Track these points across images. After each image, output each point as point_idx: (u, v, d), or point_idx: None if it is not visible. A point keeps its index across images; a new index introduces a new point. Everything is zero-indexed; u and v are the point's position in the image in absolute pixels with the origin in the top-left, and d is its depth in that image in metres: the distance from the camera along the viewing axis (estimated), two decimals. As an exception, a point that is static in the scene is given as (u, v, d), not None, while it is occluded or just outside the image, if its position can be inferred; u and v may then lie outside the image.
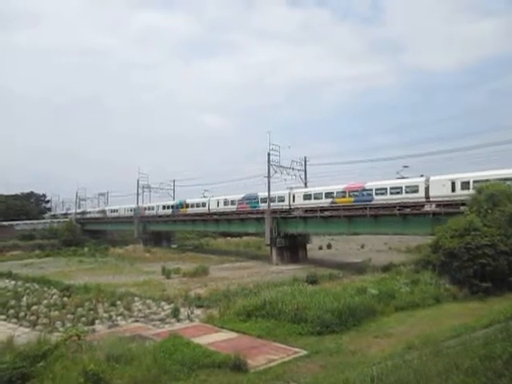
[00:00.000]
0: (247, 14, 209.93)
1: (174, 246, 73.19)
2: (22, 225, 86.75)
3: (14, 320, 22.05)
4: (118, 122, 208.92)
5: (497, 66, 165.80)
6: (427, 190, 37.23)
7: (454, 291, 22.39)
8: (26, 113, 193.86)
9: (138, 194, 79.96)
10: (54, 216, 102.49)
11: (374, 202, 41.19)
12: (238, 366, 12.11)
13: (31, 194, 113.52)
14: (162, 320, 21.11)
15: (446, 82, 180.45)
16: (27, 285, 33.20)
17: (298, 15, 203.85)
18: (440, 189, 36.00)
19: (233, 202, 59.19)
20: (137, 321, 21.22)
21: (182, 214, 67.28)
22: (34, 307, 24.24)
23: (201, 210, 64.18)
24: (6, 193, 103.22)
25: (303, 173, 56.58)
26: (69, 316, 21.94)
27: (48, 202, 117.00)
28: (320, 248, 64.60)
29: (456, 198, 33.45)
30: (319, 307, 17.30)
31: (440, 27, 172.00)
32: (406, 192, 38.72)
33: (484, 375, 8.92)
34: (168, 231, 75.52)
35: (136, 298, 26.42)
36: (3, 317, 22.82)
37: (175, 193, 79.84)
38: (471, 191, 31.04)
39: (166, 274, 38.17)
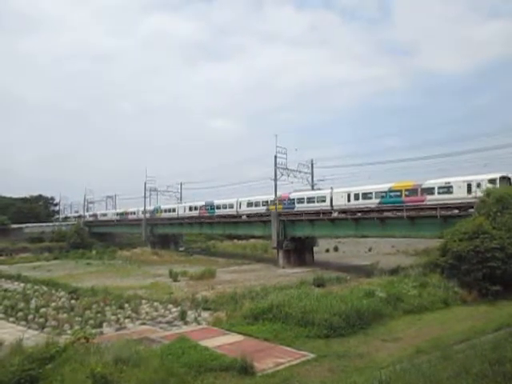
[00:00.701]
0: (255, 17, 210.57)
1: (181, 248, 73.30)
2: (30, 227, 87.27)
3: (23, 322, 22.17)
4: (125, 125, 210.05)
5: (505, 67, 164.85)
6: (331, 200, 45.91)
7: (463, 294, 22.21)
8: (37, 118, 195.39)
9: (145, 197, 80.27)
10: (67, 218, 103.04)
11: (295, 210, 50.56)
12: (245, 369, 12.07)
13: (40, 197, 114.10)
14: (169, 323, 21.13)
15: (455, 84, 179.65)
16: (36, 287, 33.38)
17: (305, 18, 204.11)
18: (340, 199, 45.07)
19: (196, 208, 66.05)
20: (144, 323, 21.25)
21: (187, 216, 67.92)
22: (43, 310, 24.36)
23: (170, 215, 72.61)
24: (15, 195, 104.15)
25: (310, 175, 56.51)
26: (77, 318, 22.02)
27: (56, 204, 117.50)
28: (327, 251, 64.41)
29: (351, 207, 43.69)
30: (326, 310, 17.22)
31: (448, 29, 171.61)
32: (318, 201, 47.91)
33: (494, 380, 8.85)
34: (175, 234, 75.67)
35: (143, 301, 26.47)
36: (12, 319, 22.97)
37: (182, 195, 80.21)
38: (361, 201, 42.70)
39: (173, 276, 38.24)
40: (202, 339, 15.50)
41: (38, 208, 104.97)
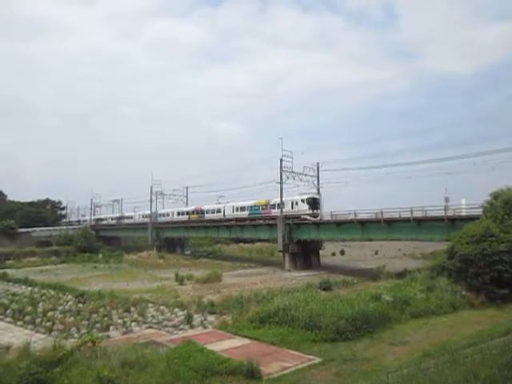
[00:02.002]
0: (260, 20, 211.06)
1: (187, 252, 73.34)
2: (38, 231, 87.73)
3: (31, 326, 22.25)
4: (131, 129, 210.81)
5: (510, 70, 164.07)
6: (224, 211, 62.59)
7: (471, 298, 22.07)
8: (44, 123, 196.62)
9: (151, 201, 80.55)
10: (78, 222, 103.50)
11: (205, 218, 66.53)
12: (251, 373, 12.07)
13: (47, 201, 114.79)
14: (175, 326, 21.13)
15: (461, 86, 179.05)
16: (43, 291, 33.51)
17: (310, 21, 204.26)
18: (229, 211, 62.05)
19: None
20: (150, 327, 21.27)
21: (198, 220, 68.80)
22: (50, 313, 24.43)
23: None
24: (22, 200, 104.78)
25: (316, 179, 56.43)
26: (84, 322, 22.08)
27: (63, 208, 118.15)
28: (333, 254, 64.26)
29: (235, 216, 60.37)
30: (333, 314, 17.17)
31: (454, 32, 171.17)
32: (217, 212, 64.58)
33: (502, 384, 8.78)
34: (181, 237, 75.78)
35: (150, 305, 26.50)
36: (20, 323, 23.06)
37: (188, 199, 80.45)
38: (240, 212, 60.03)
39: (180, 280, 38.25)
40: (209, 343, 15.50)
41: (46, 212, 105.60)
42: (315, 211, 50.26)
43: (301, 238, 49.87)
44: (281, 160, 53.49)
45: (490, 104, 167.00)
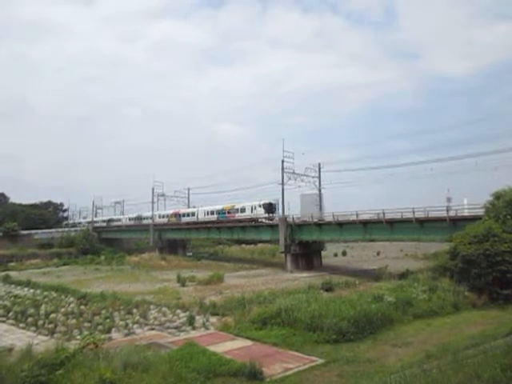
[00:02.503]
0: (261, 22, 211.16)
1: (189, 253, 73.40)
2: (40, 234, 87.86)
3: (33, 328, 22.27)
4: (133, 131, 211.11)
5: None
6: (197, 214, 68.02)
7: (473, 299, 22.02)
8: (45, 125, 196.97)
9: (152, 202, 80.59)
10: (79, 224, 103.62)
11: (182, 221, 71.80)
12: (253, 375, 12.06)
13: (49, 203, 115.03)
14: (177, 328, 21.11)
15: (462, 87, 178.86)
16: (45, 293, 33.51)
17: (311, 23, 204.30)
18: (201, 214, 67.25)
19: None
20: (152, 329, 21.27)
21: (201, 222, 68.62)
22: (52, 315, 24.44)
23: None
24: (24, 202, 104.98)
25: (317, 179, 56.40)
26: (86, 324, 22.08)
27: (65, 210, 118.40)
28: (335, 255, 64.24)
29: (206, 219, 65.97)
30: (335, 315, 17.14)
31: (455, 32, 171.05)
32: (191, 216, 69.65)
33: (506, 385, 8.74)
34: (183, 239, 75.79)
35: (152, 306, 26.50)
36: (22, 325, 23.07)
37: (190, 200, 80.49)
38: (210, 216, 65.23)
39: (181, 281, 38.28)
40: (211, 344, 15.50)
41: (48, 214, 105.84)
42: (270, 215, 56.73)
43: (302, 239, 49.86)
44: (282, 161, 53.60)
45: (491, 104, 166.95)
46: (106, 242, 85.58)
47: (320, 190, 55.70)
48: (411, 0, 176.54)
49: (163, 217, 77.80)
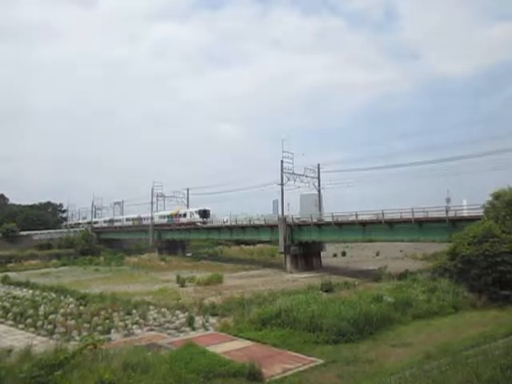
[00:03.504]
0: (261, 23, 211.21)
1: (188, 254, 73.39)
2: (39, 234, 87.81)
3: (32, 329, 22.28)
4: (133, 131, 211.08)
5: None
6: (153, 218, 77.73)
7: (473, 299, 21.98)
8: (45, 125, 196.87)
9: (152, 203, 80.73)
10: (77, 225, 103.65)
11: (142, 223, 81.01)
12: (253, 375, 12.02)
13: (48, 204, 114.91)
14: (177, 329, 21.12)
15: (463, 87, 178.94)
16: (44, 294, 33.52)
17: (312, 24, 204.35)
18: (157, 218, 77.53)
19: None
20: (152, 329, 21.27)
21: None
22: (51, 316, 24.44)
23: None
24: (24, 203, 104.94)
25: (317, 180, 56.45)
26: (85, 325, 22.08)
27: (65, 211, 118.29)
28: (334, 255, 64.21)
29: (159, 223, 76.65)
30: (335, 315, 17.14)
31: (456, 32, 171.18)
32: (149, 220, 78.52)
33: (505, 386, 8.73)
34: (182, 240, 75.77)
35: (151, 307, 26.50)
36: (21, 326, 23.09)
37: (189, 201, 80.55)
38: (164, 219, 76.19)
39: (181, 282, 38.27)
40: (210, 345, 15.48)
41: (47, 215, 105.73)
42: (205, 219, 67.19)
43: (302, 240, 49.86)
44: (282, 162, 53.68)
45: (492, 104, 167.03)
46: (105, 243, 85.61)
47: (319, 191, 55.86)
48: (411, 0, 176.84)
49: (129, 220, 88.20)
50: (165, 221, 76.39)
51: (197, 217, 68.03)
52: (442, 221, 35.71)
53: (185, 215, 71.32)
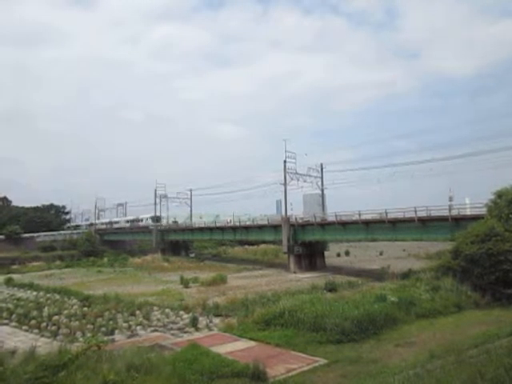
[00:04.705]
0: (262, 23, 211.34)
1: (192, 255, 73.43)
2: (42, 236, 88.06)
3: (36, 330, 22.36)
4: (135, 133, 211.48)
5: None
6: (120, 222, 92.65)
7: (476, 298, 21.92)
8: (47, 126, 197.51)
9: (155, 204, 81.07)
10: (78, 226, 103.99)
11: (113, 227, 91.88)
12: (257, 376, 12.01)
13: (51, 206, 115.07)
14: (180, 329, 21.16)
15: (464, 86, 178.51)
16: (48, 295, 33.63)
17: (312, 24, 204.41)
18: (121, 222, 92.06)
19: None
20: (156, 330, 21.31)
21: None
22: (55, 317, 24.52)
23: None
24: (27, 205, 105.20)
25: (320, 180, 56.42)
26: (89, 326, 22.15)
27: (68, 213, 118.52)
28: (338, 255, 64.21)
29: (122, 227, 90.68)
30: (338, 315, 17.09)
31: (457, 31, 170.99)
32: (118, 223, 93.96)
33: (509, 385, 8.70)
34: (186, 240, 75.80)
35: (155, 308, 26.54)
36: (25, 327, 23.17)
37: (192, 202, 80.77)
38: (128, 224, 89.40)
39: (184, 283, 38.30)
40: (214, 345, 15.50)
41: (50, 217, 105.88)
42: (157, 224, 78.36)
43: (305, 240, 49.85)
44: (284, 162, 53.68)
45: (494, 102, 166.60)
46: (108, 244, 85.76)
47: (322, 190, 55.80)
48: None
49: (102, 224, 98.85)
50: (128, 225, 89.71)
51: (150, 221, 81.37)
52: (445, 220, 35.64)
53: (142, 220, 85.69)
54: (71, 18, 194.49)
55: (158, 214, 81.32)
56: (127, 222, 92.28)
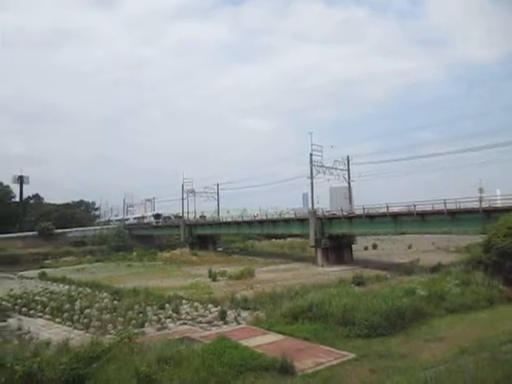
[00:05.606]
0: (284, 16, 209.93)
1: (219, 249, 73.92)
2: (73, 232, 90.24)
3: (69, 323, 22.89)
4: (161, 130, 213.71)
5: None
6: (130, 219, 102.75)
7: (509, 293, 21.35)
8: (73, 127, 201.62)
9: (182, 199, 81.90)
10: (108, 222, 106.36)
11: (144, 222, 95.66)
12: (285, 369, 12.04)
13: (81, 202, 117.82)
14: (209, 322, 21.34)
15: (492, 73, 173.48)
16: (80, 289, 34.37)
17: (335, 14, 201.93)
18: (133, 220, 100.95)
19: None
20: (185, 323, 21.55)
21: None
22: (87, 310, 25.03)
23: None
24: (58, 202, 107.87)
25: (346, 172, 55.88)
26: (119, 319, 22.52)
27: (97, 209, 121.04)
28: (365, 248, 63.57)
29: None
30: (367, 309, 16.94)
31: (482, 17, 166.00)
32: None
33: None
34: (213, 235, 76.42)
35: (184, 301, 26.84)
36: (59, 320, 23.76)
37: (219, 196, 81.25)
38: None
39: (213, 276, 38.56)
40: (242, 339, 15.58)
41: (80, 213, 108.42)
42: (158, 220, 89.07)
43: (333, 233, 49.54)
44: (311, 154, 53.41)
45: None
46: (137, 239, 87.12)
47: (349, 183, 55.26)
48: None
49: (134, 219, 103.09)
50: (135, 221, 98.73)
51: (152, 219, 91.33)
52: (476, 212, 34.83)
53: (145, 217, 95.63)
54: (95, 18, 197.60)
55: (185, 209, 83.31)
56: (134, 219, 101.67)
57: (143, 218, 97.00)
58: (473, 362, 10.56)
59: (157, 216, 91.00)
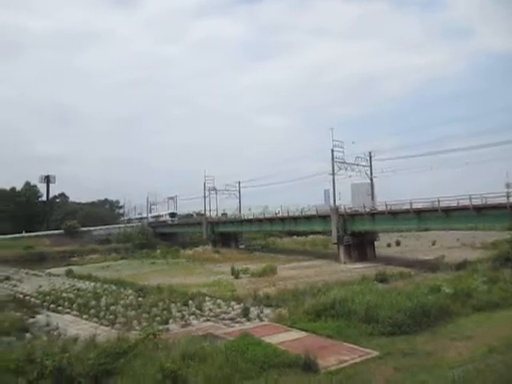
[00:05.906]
0: (302, 12, 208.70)
1: (241, 246, 74.10)
2: (98, 230, 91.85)
3: (95, 319, 23.29)
4: (182, 128, 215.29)
5: None
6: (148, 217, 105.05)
7: (539, 291, 20.90)
8: (100, 127, 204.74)
9: (204, 197, 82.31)
10: (141, 219, 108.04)
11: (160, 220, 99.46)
12: (308, 366, 12.03)
13: (105, 201, 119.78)
14: (232, 319, 21.46)
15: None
16: (105, 286, 34.88)
17: (353, 9, 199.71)
18: (151, 219, 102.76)
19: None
20: (208, 320, 21.71)
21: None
22: (112, 307, 25.43)
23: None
24: (83, 201, 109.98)
25: (368, 168, 55.32)
26: (144, 315, 22.82)
27: (121, 207, 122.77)
28: (388, 245, 62.88)
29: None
30: (390, 307, 16.76)
31: (505, 6, 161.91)
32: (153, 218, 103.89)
33: None
34: (235, 232, 76.65)
35: (207, 298, 27.01)
36: (85, 316, 24.21)
37: (241, 194, 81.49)
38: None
39: (235, 274, 38.69)
40: (265, 335, 15.60)
41: (104, 211, 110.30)
42: (173, 218, 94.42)
43: (355, 230, 49.21)
44: (332, 151, 53.03)
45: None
46: (161, 237, 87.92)
47: (372, 179, 54.71)
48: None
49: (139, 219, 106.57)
50: (154, 220, 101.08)
51: (168, 217, 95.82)
52: (503, 207, 34.09)
53: (162, 216, 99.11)
54: (115, 18, 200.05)
55: (207, 206, 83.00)
56: (152, 217, 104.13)
57: (160, 216, 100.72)
58: (502, 361, 10.35)
59: (172, 214, 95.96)
